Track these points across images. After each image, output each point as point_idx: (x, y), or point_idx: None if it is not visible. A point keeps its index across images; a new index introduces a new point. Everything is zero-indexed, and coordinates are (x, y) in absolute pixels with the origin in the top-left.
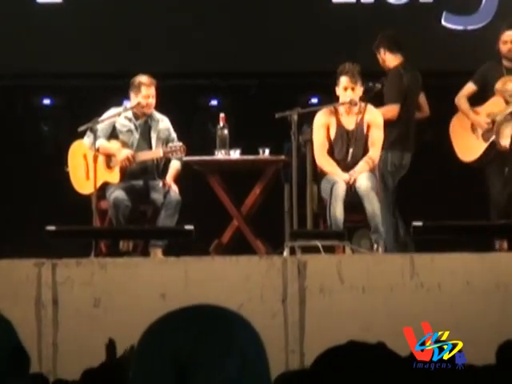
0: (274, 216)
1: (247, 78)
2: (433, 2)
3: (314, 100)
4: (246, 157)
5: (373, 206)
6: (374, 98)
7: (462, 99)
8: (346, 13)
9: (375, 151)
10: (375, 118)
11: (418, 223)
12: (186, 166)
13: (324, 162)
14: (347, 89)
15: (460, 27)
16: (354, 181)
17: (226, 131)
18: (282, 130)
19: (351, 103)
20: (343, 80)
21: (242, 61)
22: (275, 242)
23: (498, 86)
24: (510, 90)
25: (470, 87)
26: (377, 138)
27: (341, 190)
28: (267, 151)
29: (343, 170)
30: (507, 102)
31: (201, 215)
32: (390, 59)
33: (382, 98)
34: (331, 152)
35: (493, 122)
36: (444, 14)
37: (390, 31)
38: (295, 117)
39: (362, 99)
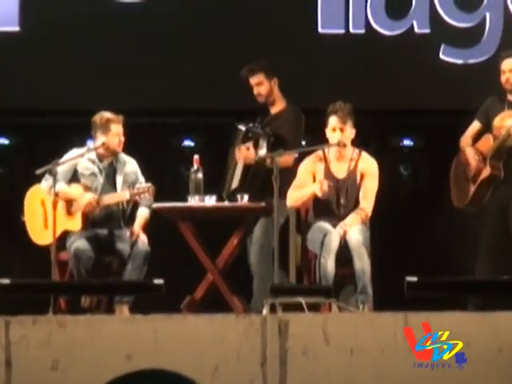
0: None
1: (224, 117)
2: (430, 34)
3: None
4: (222, 204)
5: (363, 263)
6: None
7: (466, 139)
8: (334, 44)
9: (368, 203)
10: (370, 166)
11: (413, 278)
12: (155, 213)
13: (295, 194)
14: (336, 130)
15: (460, 61)
16: (345, 233)
17: (200, 175)
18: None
19: (339, 145)
20: (332, 120)
21: (218, 97)
22: None
23: (496, 121)
24: (506, 126)
25: (474, 126)
26: (370, 189)
27: (334, 242)
28: (246, 197)
29: (334, 223)
30: (495, 139)
31: (172, 268)
32: (280, 95)
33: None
34: (319, 202)
35: (484, 160)
36: (442, 46)
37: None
38: (277, 160)
39: (354, 143)
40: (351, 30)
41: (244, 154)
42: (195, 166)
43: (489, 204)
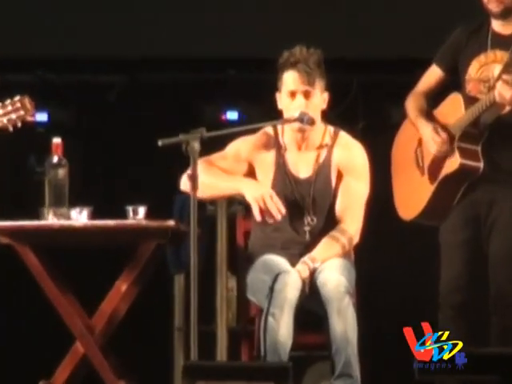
0: (155, 335)
1: (103, 71)
2: None
3: (233, 115)
4: (101, 222)
5: (345, 324)
6: None
7: (416, 99)
8: None
9: (352, 220)
10: (354, 157)
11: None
12: None
13: (204, 178)
14: (295, 94)
15: None
16: (312, 273)
17: (62, 172)
18: (170, 171)
19: (302, 121)
20: (289, 78)
21: (94, 40)
22: None
23: (473, 70)
24: (490, 77)
25: (432, 74)
26: (356, 195)
27: (293, 289)
28: (142, 211)
29: (293, 256)
30: (468, 102)
31: (16, 333)
32: None
33: None
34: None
35: (451, 137)
36: None
37: None
38: (196, 146)
39: (327, 117)
40: None
41: None
42: (55, 158)
43: (454, 215)
